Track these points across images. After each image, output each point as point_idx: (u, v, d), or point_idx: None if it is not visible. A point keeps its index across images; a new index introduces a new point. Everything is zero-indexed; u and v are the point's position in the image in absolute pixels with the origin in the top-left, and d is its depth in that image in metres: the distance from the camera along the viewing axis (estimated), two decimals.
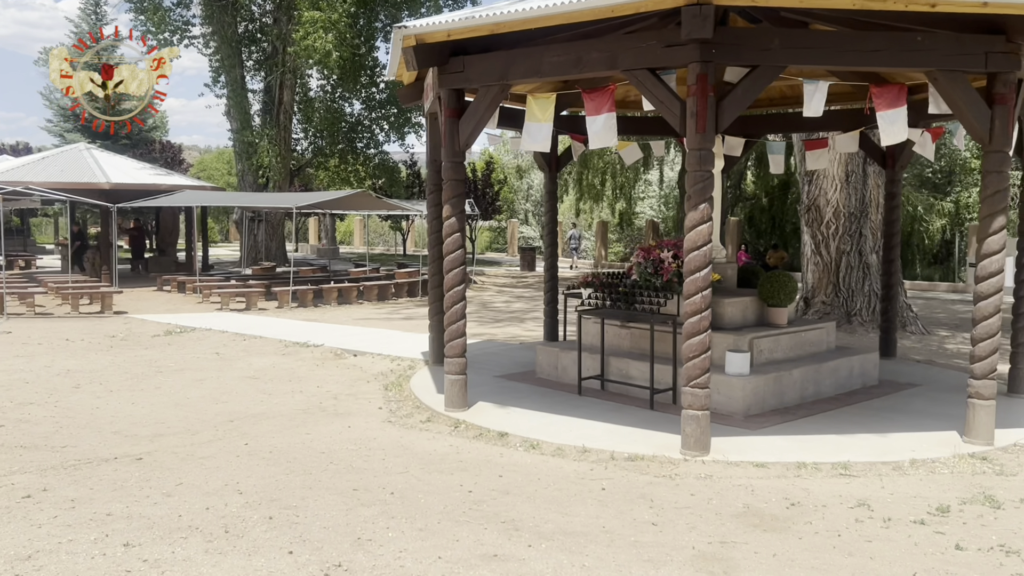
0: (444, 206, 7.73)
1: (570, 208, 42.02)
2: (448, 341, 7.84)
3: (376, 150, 31.54)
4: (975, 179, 27.20)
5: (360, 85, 28.89)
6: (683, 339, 6.48)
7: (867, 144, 10.85)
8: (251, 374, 9.96)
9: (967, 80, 6.53)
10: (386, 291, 19.55)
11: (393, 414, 7.94)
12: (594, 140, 7.12)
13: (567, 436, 7.00)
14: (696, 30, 5.90)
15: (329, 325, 14.51)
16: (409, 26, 7.22)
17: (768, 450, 6.60)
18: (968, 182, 27.08)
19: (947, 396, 8.64)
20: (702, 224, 6.32)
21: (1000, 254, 6.68)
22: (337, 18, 23.96)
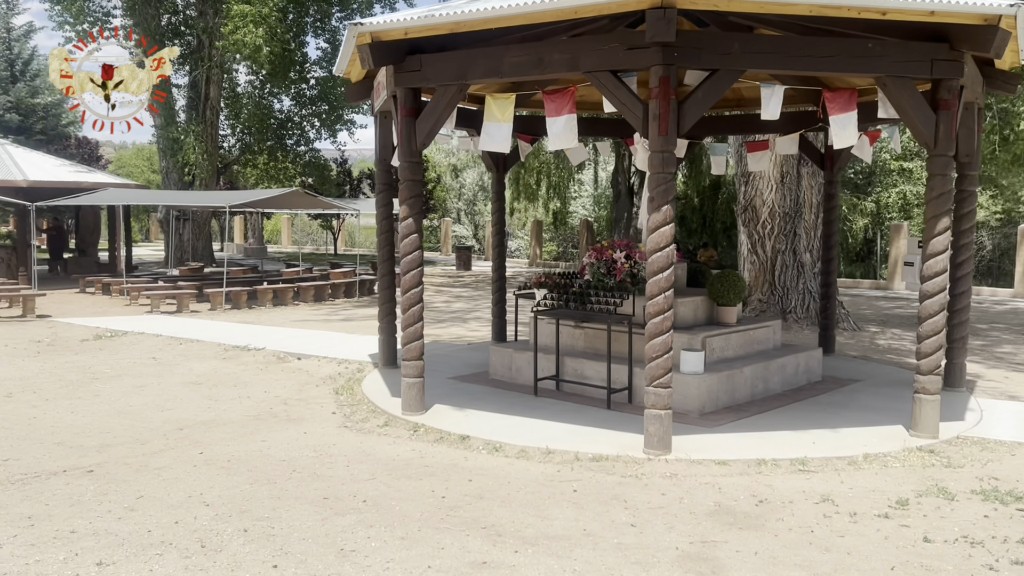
0: (401, 206, 7.62)
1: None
2: (405, 344, 7.73)
3: (307, 147, 30.98)
4: (894, 180, 28.29)
5: (289, 81, 28.35)
6: (646, 339, 6.54)
7: (806, 146, 11.14)
8: (193, 379, 9.64)
9: (914, 86, 6.76)
10: (323, 292, 19.21)
11: (348, 419, 7.79)
12: (555, 141, 7.12)
13: (529, 438, 6.98)
14: (660, 33, 5.95)
15: (267, 328, 14.18)
16: (365, 23, 7.09)
17: (728, 448, 6.72)
18: (887, 183, 28.13)
19: (888, 391, 8.95)
20: (665, 226, 6.38)
21: (945, 254, 6.94)
22: (267, 12, 23.43)
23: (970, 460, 6.49)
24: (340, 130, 30.37)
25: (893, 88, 6.72)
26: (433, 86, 7.42)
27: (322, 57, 30.12)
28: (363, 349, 11.71)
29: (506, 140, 7.31)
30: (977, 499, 5.56)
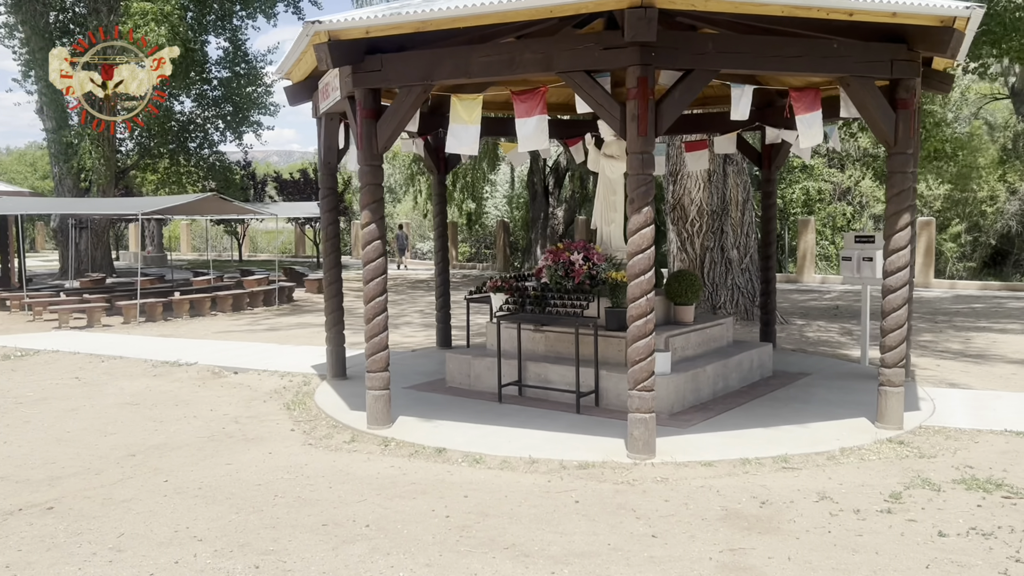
0: (362, 211, 7.31)
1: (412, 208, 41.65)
2: (370, 355, 7.42)
3: (211, 151, 29.80)
4: (796, 176, 29.35)
5: (190, 81, 27.21)
6: (628, 342, 6.46)
7: (743, 145, 11.35)
8: (128, 400, 9.04)
9: (875, 85, 6.92)
10: (241, 301, 18.48)
11: (310, 436, 7.43)
12: (525, 143, 6.97)
13: (507, 447, 6.80)
14: (641, 33, 5.88)
15: (191, 341, 13.49)
16: (324, 21, 6.75)
17: (708, 448, 6.71)
18: (791, 179, 29.14)
19: (839, 384, 9.17)
20: (646, 227, 6.31)
21: (907, 250, 7.13)
22: (170, 10, 22.40)
23: (940, 449, 6.68)
24: (246, 132, 29.34)
25: (856, 87, 6.85)
26: (395, 87, 7.15)
27: (224, 57, 29.07)
28: (303, 361, 11.26)
29: (474, 142, 7.10)
30: (961, 488, 5.71)
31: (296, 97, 9.34)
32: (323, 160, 9.31)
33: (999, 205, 25.97)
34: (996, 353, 11.58)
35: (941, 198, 26.46)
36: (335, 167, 9.43)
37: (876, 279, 10.23)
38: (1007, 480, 5.86)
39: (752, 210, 15.80)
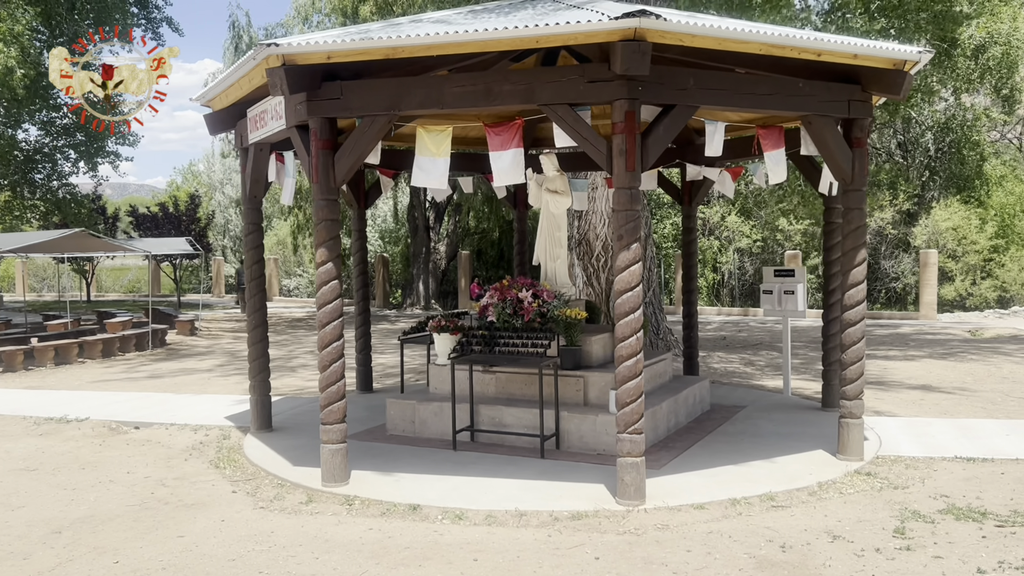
0: (318, 249, 6.74)
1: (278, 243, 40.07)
2: (326, 405, 6.81)
3: (60, 182, 27.50)
4: (666, 212, 30.37)
5: (35, 108, 25.06)
6: (618, 383, 6.23)
7: (664, 182, 11.48)
8: (22, 465, 7.92)
9: (835, 125, 7.09)
10: (111, 347, 16.96)
11: (257, 498, 6.71)
12: (500, 177, 6.65)
13: (486, 500, 6.38)
14: (634, 66, 5.73)
15: (68, 393, 12.16)
16: (281, 44, 6.21)
17: (692, 490, 6.54)
18: (661, 215, 30.11)
19: (777, 415, 9.30)
20: (634, 264, 6.13)
21: (863, 284, 7.30)
22: (20, 30, 20.55)
23: (907, 479, 6.81)
24: (101, 163, 27.30)
25: (818, 126, 6.99)
26: (356, 116, 6.67)
27: None
28: (211, 412, 10.34)
29: (443, 176, 6.71)
30: (951, 519, 5.80)
31: (217, 126, 8.65)
32: (248, 194, 8.61)
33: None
34: (894, 380, 12.17)
35: (800, 232, 28.07)
36: (260, 201, 8.75)
37: (798, 311, 10.54)
38: (987, 508, 6.01)
39: (652, 246, 16.07)
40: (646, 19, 5.57)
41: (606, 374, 8.05)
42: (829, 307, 9.41)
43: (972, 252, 26.55)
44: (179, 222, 32.41)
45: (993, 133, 32.90)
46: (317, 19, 25.75)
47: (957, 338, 17.93)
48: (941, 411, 9.68)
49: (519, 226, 12.28)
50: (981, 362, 13.85)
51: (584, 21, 5.65)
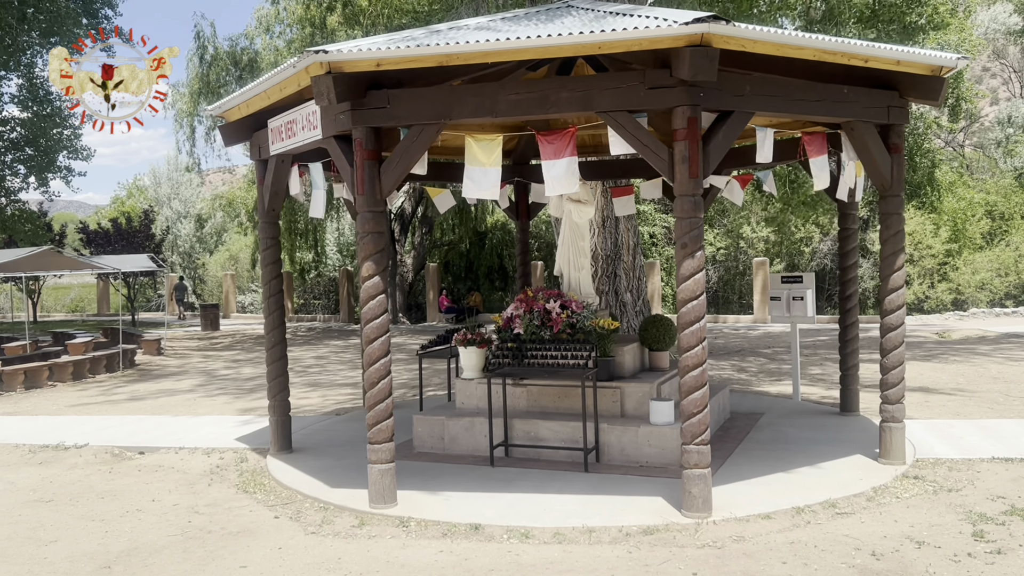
0: (364, 263, 6.51)
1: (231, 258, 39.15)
2: (374, 424, 6.58)
3: (8, 199, 26.42)
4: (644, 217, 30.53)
5: None
6: (681, 395, 6.12)
7: (669, 190, 11.47)
8: (34, 496, 7.48)
9: (875, 131, 7.14)
10: (82, 369, 16.27)
11: (303, 523, 6.43)
12: (553, 186, 6.51)
13: (548, 517, 6.21)
14: (702, 72, 5.67)
15: (51, 418, 11.60)
16: (330, 50, 6.00)
17: (751, 500, 6.48)
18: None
19: (799, 421, 9.32)
20: (698, 273, 6.04)
21: (903, 289, 7.36)
22: None
23: (957, 482, 6.86)
24: (53, 178, 26.32)
25: (860, 132, 7.03)
26: (404, 125, 6.47)
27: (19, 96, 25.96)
28: (216, 434, 9.95)
29: (494, 186, 6.55)
30: (1018, 520, 5.84)
31: (233, 137, 8.34)
32: (266, 207, 8.31)
33: (814, 245, 28.39)
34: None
35: (764, 240, 28.51)
36: (278, 215, 8.46)
37: (808, 317, 10.63)
38: None
39: (641, 254, 16.08)
40: (715, 24, 5.51)
41: (643, 385, 7.96)
42: (846, 312, 9.49)
43: (928, 256, 27.31)
44: (132, 238, 31.44)
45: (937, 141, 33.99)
46: (279, 29, 25.27)
47: (929, 340, 18.35)
48: (952, 412, 9.83)
49: (521, 237, 12.16)
50: (965, 363, 14.17)
51: (653, 27, 5.58)
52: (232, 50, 22.41)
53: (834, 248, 28.55)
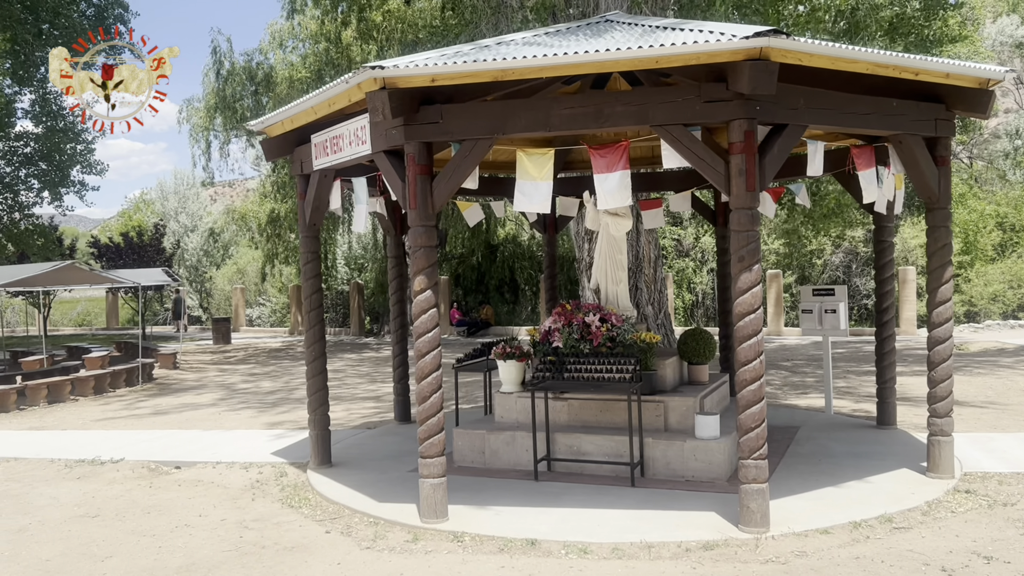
0: (416, 277, 6.50)
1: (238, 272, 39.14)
2: (426, 438, 6.55)
3: (21, 214, 26.45)
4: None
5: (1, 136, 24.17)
6: (739, 409, 6.11)
7: (697, 203, 11.50)
8: (80, 511, 7.44)
9: (923, 143, 7.15)
10: (103, 383, 16.24)
11: (355, 538, 6.40)
12: (606, 199, 6.51)
13: (603, 533, 6.18)
14: (762, 85, 5.68)
15: (82, 433, 11.57)
16: (386, 66, 6.01)
17: (806, 514, 6.45)
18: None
19: (836, 435, 9.28)
20: (755, 286, 6.04)
21: (951, 302, 7.35)
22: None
23: (1008, 496, 6.83)
24: (67, 192, 26.38)
25: (908, 144, 7.04)
26: (455, 140, 6.48)
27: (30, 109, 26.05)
28: (250, 448, 9.92)
29: (545, 200, 6.56)
30: None
31: (274, 152, 8.36)
32: (307, 222, 8.31)
33: (826, 258, 28.39)
34: (917, 395, 12.29)
35: (775, 252, 28.50)
36: (319, 229, 8.47)
37: (840, 330, 10.61)
38: None
39: (663, 267, 16.09)
40: (775, 38, 5.53)
41: (686, 398, 7.94)
42: (882, 325, 9.47)
43: None
44: (142, 252, 31.47)
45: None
46: (292, 44, 25.38)
47: None
48: (989, 426, 9.80)
49: (548, 250, 12.16)
50: (990, 376, 14.13)
51: (713, 40, 5.59)
52: (247, 65, 22.48)
53: (846, 260, 28.58)
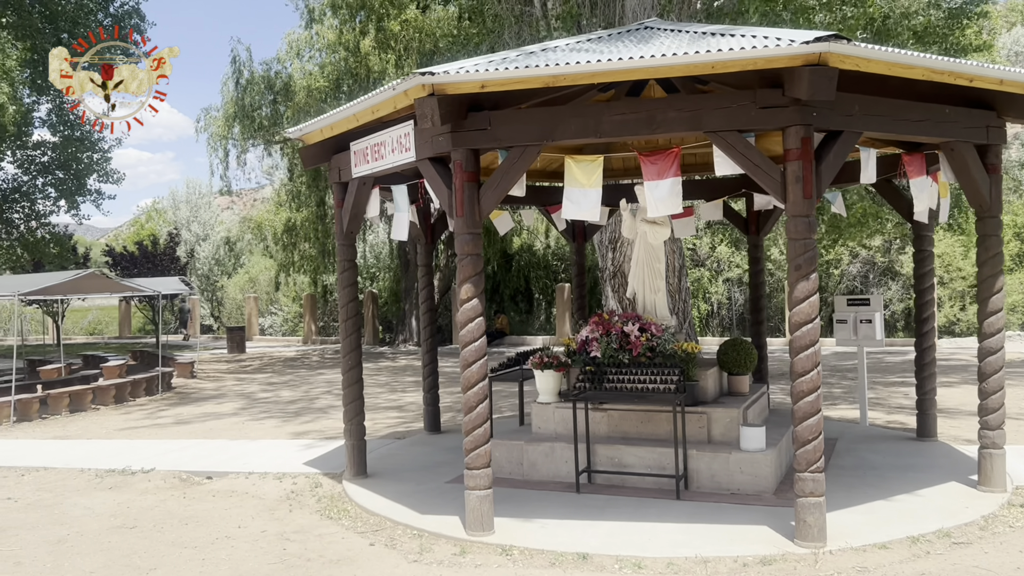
0: (463, 285, 6.41)
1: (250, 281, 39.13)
2: (472, 449, 6.45)
3: (38, 222, 26.46)
4: None
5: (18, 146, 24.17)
6: (796, 421, 5.98)
7: (729, 212, 11.39)
8: (116, 522, 7.35)
9: (975, 151, 7.03)
10: (123, 392, 16.18)
11: (401, 551, 6.29)
12: (656, 207, 6.42)
13: (655, 547, 6.05)
14: (821, 91, 5.58)
15: (107, 442, 11.49)
16: (437, 72, 5.93)
17: (861, 528, 6.31)
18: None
19: (875, 447, 9.14)
20: (812, 295, 5.92)
21: (1002, 312, 7.23)
22: (12, 66, 19.82)
23: None
24: (83, 201, 26.40)
25: (960, 152, 6.93)
26: (503, 147, 6.39)
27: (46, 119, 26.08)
28: (280, 458, 9.81)
29: (595, 207, 6.46)
30: None
31: (312, 159, 8.28)
32: (344, 230, 8.22)
33: (843, 268, 28.25)
34: (949, 407, 12.17)
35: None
36: (355, 237, 8.38)
37: (876, 340, 10.48)
38: None
39: (686, 276, 15.97)
40: (836, 43, 5.43)
41: (730, 410, 7.82)
42: (922, 336, 9.34)
43: (958, 279, 27.11)
44: (157, 261, 31.46)
45: None
46: (308, 54, 25.41)
47: (971, 364, 18.10)
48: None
49: (577, 259, 12.07)
50: (1022, 388, 13.96)
51: (772, 46, 5.50)
52: (266, 74, 22.50)
53: (863, 271, 28.43)
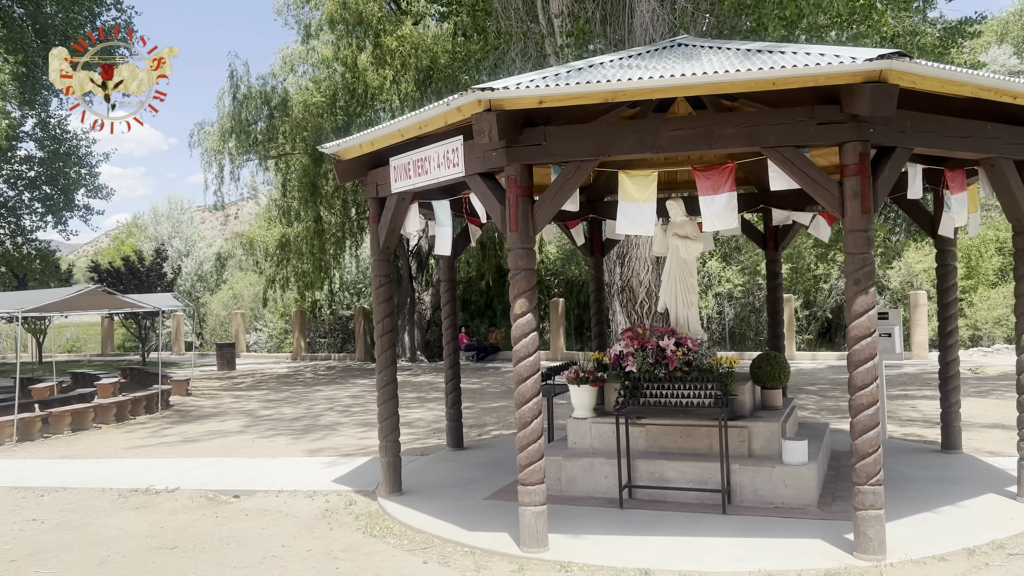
0: (517, 300, 6.39)
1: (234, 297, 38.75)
2: (526, 465, 6.41)
3: (24, 238, 26.05)
4: None
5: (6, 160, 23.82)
6: (854, 434, 6.01)
7: (747, 227, 11.48)
8: (154, 543, 7.21)
9: (1015, 167, 7.15)
10: (124, 410, 15.91)
11: (455, 568, 6.23)
12: (712, 221, 6.45)
13: (715, 562, 6.05)
14: (882, 108, 5.65)
15: (120, 461, 11.29)
16: (496, 87, 5.94)
17: (915, 540, 6.35)
18: None
19: (907, 460, 9.18)
20: (871, 310, 5.97)
21: None
22: (3, 79, 19.57)
23: None
24: (71, 216, 26.04)
25: (1000, 168, 7.04)
26: (558, 162, 6.40)
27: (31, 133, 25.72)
28: (306, 476, 9.69)
29: (649, 222, 6.48)
30: None
31: (348, 174, 8.24)
32: (380, 245, 8.18)
33: (832, 282, 28.56)
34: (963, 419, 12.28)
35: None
36: (391, 253, 8.33)
37: (896, 354, 10.57)
38: None
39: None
40: (898, 61, 5.51)
41: (770, 424, 7.85)
42: (946, 349, 9.44)
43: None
44: (142, 277, 31.04)
45: None
46: (303, 69, 25.32)
47: (968, 377, 18.33)
48: None
49: (595, 274, 12.10)
50: None
51: (836, 63, 5.56)
52: (263, 89, 22.39)
53: None
